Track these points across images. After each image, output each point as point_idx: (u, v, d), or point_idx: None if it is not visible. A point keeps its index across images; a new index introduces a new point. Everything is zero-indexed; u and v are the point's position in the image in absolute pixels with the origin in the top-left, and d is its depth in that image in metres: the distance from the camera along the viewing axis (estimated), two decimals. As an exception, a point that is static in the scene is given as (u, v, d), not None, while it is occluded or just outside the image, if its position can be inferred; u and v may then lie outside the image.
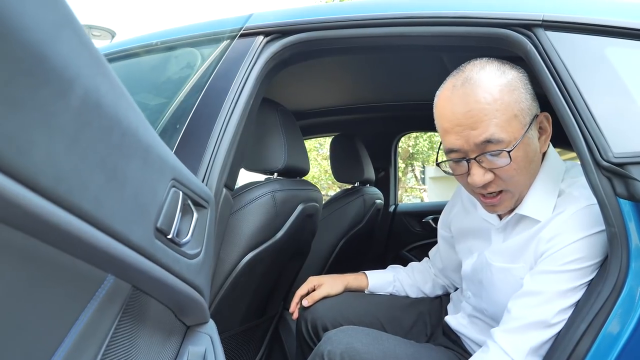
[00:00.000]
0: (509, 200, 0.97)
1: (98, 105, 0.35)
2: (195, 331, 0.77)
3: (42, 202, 0.29)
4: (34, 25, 0.29)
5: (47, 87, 0.29)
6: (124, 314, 0.52)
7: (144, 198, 0.48)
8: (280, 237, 1.35)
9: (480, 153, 0.91)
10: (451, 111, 0.92)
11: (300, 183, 1.49)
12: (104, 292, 0.46)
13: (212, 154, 1.01)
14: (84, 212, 0.35)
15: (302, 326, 1.36)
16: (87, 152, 0.34)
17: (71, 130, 0.31)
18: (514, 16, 0.99)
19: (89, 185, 0.35)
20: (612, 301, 0.81)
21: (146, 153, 0.48)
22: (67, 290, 0.38)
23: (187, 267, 0.64)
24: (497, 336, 0.93)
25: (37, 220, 0.29)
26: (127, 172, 0.42)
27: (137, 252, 0.46)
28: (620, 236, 0.80)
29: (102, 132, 0.36)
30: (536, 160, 0.96)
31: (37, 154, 0.28)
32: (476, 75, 0.92)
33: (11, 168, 0.26)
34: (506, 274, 1.00)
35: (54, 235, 0.32)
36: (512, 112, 0.89)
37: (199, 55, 1.10)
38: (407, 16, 1.06)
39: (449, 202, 1.34)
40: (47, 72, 0.30)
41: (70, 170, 0.32)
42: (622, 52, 0.93)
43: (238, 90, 1.07)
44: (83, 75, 0.33)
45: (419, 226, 2.57)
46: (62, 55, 0.31)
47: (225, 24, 1.15)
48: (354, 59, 1.79)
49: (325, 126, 2.60)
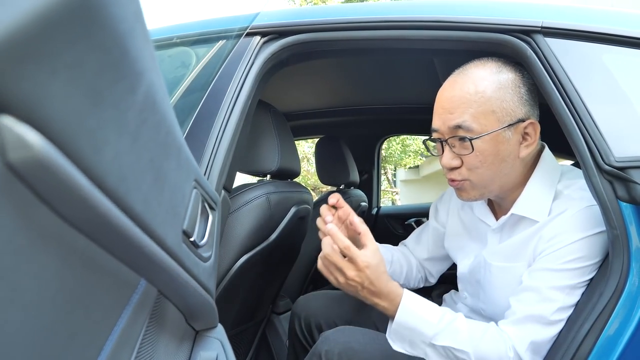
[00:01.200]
0: (471, 190, 1.01)
1: (154, 102, 0.34)
2: (205, 336, 0.75)
3: (108, 204, 0.28)
4: (122, 15, 0.27)
5: (122, 82, 0.28)
6: (150, 319, 0.50)
7: (176, 200, 0.46)
8: (274, 239, 1.34)
9: (452, 136, 0.97)
10: (440, 94, 1.02)
11: (293, 185, 1.48)
12: (137, 297, 0.44)
13: (211, 156, 0.99)
14: (135, 213, 0.34)
15: (295, 324, 1.36)
16: (142, 151, 0.32)
17: (133, 128, 0.30)
18: (514, 22, 1.00)
19: (141, 185, 0.34)
20: (613, 302, 0.83)
21: (179, 152, 0.46)
22: (111, 296, 0.36)
23: (203, 270, 0.63)
24: (502, 326, 0.95)
25: (104, 222, 0.28)
26: (167, 172, 0.41)
27: (169, 256, 0.45)
28: (622, 238, 0.83)
29: (154, 130, 0.34)
30: (510, 162, 0.97)
31: (108, 152, 0.26)
32: (472, 69, 0.99)
33: (88, 167, 0.25)
34: (506, 273, 1.02)
35: (111, 237, 0.31)
36: (490, 107, 0.94)
37: (205, 54, 1.07)
38: (408, 20, 1.07)
39: (446, 195, 1.34)
40: (125, 66, 0.28)
41: (129, 170, 0.30)
42: (619, 59, 0.96)
43: (236, 91, 1.05)
44: (146, 69, 0.32)
45: (402, 228, 2.59)
46: (136, 48, 0.30)
47: (229, 23, 1.13)
48: (338, 61, 1.79)
49: (310, 128, 2.60)
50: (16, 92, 0.20)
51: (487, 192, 1.01)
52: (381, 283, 0.97)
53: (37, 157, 0.21)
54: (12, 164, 0.21)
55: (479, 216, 1.14)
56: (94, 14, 0.24)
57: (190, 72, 1.08)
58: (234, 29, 1.04)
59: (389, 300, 0.98)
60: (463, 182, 1.00)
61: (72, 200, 0.25)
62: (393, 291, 0.98)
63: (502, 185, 1.00)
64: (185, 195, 0.50)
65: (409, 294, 0.99)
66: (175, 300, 0.59)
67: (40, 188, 0.23)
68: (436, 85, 1.85)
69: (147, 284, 0.46)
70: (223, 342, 0.75)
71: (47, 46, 0.21)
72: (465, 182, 1.00)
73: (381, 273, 0.97)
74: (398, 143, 11.77)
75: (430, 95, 2.09)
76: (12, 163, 0.21)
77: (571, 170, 1.05)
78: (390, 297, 0.98)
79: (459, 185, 1.01)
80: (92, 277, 0.32)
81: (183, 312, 0.68)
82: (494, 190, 1.01)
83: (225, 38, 1.05)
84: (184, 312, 0.68)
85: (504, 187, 1.01)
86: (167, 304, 0.58)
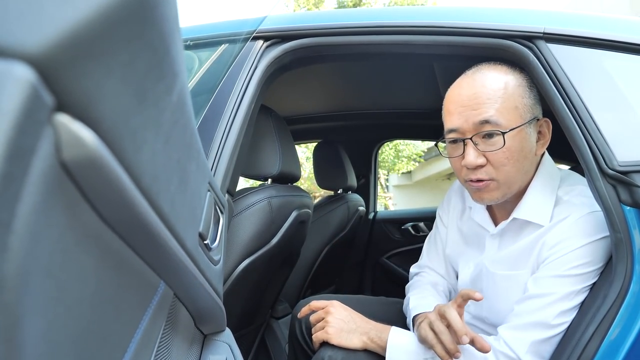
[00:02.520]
0: (495, 190, 0.98)
1: (185, 102, 0.34)
2: (213, 340, 0.75)
3: (145, 204, 0.28)
4: (168, 15, 0.27)
5: (163, 81, 0.28)
6: (166, 322, 0.50)
7: (195, 202, 0.46)
8: (275, 243, 1.34)
9: (476, 133, 0.95)
10: (458, 94, 1.00)
11: (294, 189, 1.48)
12: (157, 299, 0.44)
13: (215, 159, 0.99)
14: (164, 214, 0.34)
15: (296, 329, 1.35)
16: (172, 152, 0.32)
17: (167, 128, 0.30)
18: (516, 28, 1.02)
19: (169, 186, 0.34)
20: (618, 305, 0.84)
21: (198, 154, 0.46)
22: (137, 297, 0.36)
23: (214, 273, 0.63)
24: (502, 332, 0.95)
25: (139, 222, 0.28)
26: (190, 174, 0.41)
27: (189, 258, 0.45)
28: (626, 242, 0.84)
29: (182, 131, 0.34)
30: (530, 159, 0.98)
31: (146, 152, 0.26)
32: (487, 69, 1.00)
33: (129, 166, 0.25)
34: (510, 282, 1.02)
35: (143, 237, 0.31)
36: (513, 103, 0.95)
37: (209, 58, 1.07)
38: (412, 25, 1.08)
39: (444, 202, 1.34)
40: (166, 66, 0.28)
41: (161, 171, 0.30)
42: (620, 65, 0.97)
43: (240, 95, 1.05)
44: (182, 71, 0.32)
45: (399, 233, 2.59)
46: (176, 48, 0.30)
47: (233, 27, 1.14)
48: (337, 66, 1.80)
49: (308, 133, 2.60)
50: (75, 89, 0.20)
51: (508, 192, 0.99)
52: (357, 318, 1.09)
53: (91, 155, 0.21)
54: (65, 162, 0.21)
55: (479, 222, 1.14)
56: (148, 13, 0.24)
57: (194, 76, 1.08)
58: (240, 33, 1.05)
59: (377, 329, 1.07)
60: (489, 182, 0.98)
61: (115, 199, 0.25)
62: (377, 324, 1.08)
63: (521, 184, 1.00)
64: (201, 198, 0.51)
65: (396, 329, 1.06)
66: (187, 303, 0.59)
67: (87, 186, 0.23)
68: (435, 90, 1.87)
69: (165, 287, 0.45)
70: (231, 346, 0.75)
71: (106, 44, 0.21)
72: (491, 182, 0.98)
73: (351, 311, 1.11)
74: (391, 148, 11.82)
75: (427, 100, 2.13)
76: (66, 161, 0.21)
77: (570, 175, 1.06)
78: (377, 326, 1.08)
79: (485, 185, 0.98)
80: (123, 278, 0.32)
81: (193, 315, 0.68)
82: (514, 190, 1.00)
83: (232, 42, 1.05)
84: (194, 316, 0.68)
85: (520, 187, 1.00)
86: (180, 307, 0.58)
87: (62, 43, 0.18)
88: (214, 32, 1.16)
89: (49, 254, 0.21)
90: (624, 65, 0.98)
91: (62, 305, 0.22)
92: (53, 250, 0.21)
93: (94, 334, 0.28)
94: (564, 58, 0.97)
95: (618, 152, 0.87)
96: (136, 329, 0.39)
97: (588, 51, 0.99)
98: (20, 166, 0.18)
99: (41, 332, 0.21)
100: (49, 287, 0.21)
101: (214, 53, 1.09)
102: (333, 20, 1.16)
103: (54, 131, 0.20)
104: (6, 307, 0.18)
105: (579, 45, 0.99)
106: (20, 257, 0.18)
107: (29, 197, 0.19)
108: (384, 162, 12.19)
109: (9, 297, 0.18)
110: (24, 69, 0.18)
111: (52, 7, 0.18)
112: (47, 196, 0.20)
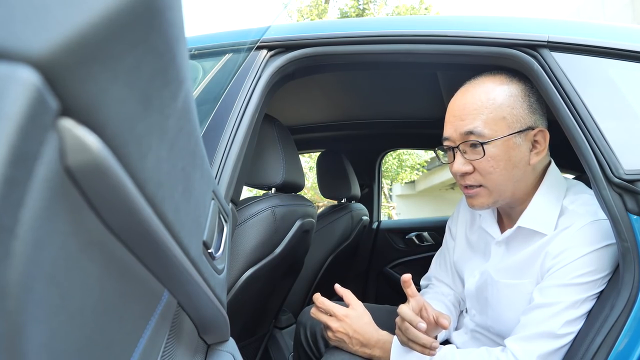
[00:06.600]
0: (485, 197, 1.01)
1: (189, 109, 0.34)
2: (217, 349, 0.74)
3: (149, 211, 0.27)
4: (174, 20, 0.27)
5: (168, 87, 0.28)
6: (170, 331, 0.50)
7: (199, 210, 0.46)
8: (279, 253, 1.33)
9: (463, 142, 0.99)
10: (452, 104, 1.05)
11: (297, 198, 1.47)
12: (161, 308, 0.43)
13: (219, 168, 0.99)
14: (168, 222, 0.33)
15: (300, 334, 1.35)
16: (177, 159, 0.32)
17: (172, 135, 0.30)
18: (520, 37, 1.02)
19: (173, 194, 0.33)
20: (625, 314, 0.83)
21: (202, 162, 0.46)
22: (141, 306, 0.36)
23: (218, 282, 0.62)
24: (509, 344, 0.95)
25: (143, 229, 0.28)
26: (194, 182, 0.41)
27: (193, 266, 0.44)
28: (633, 251, 0.83)
29: (187, 138, 0.34)
30: (522, 168, 0.98)
31: (151, 158, 0.26)
32: (483, 80, 1.03)
33: (134, 172, 0.24)
34: (514, 290, 1.01)
35: (147, 244, 0.30)
36: (500, 114, 0.97)
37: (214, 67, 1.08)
38: (416, 34, 1.08)
39: (455, 213, 1.33)
40: (171, 72, 0.28)
41: (166, 178, 0.30)
42: (624, 73, 0.97)
43: (244, 105, 1.06)
44: (187, 78, 0.32)
45: (403, 243, 2.58)
46: (182, 54, 0.30)
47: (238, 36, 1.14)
48: (340, 75, 1.80)
49: (311, 142, 2.60)
50: (80, 94, 0.19)
51: (500, 199, 1.02)
52: (367, 332, 1.06)
53: (96, 161, 0.21)
54: (69, 168, 0.21)
55: (485, 227, 1.14)
56: (154, 18, 0.24)
57: (199, 85, 1.08)
58: (244, 42, 1.05)
59: (380, 348, 1.05)
60: (479, 189, 1.01)
61: (119, 205, 0.25)
62: (383, 339, 1.06)
63: (514, 191, 1.01)
64: (206, 206, 0.50)
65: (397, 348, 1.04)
66: (191, 312, 0.58)
67: (91, 193, 0.23)
68: (438, 99, 1.87)
69: (169, 295, 0.45)
70: (235, 356, 0.74)
71: (112, 48, 0.21)
72: (481, 189, 1.01)
73: (365, 324, 1.07)
74: (394, 158, 11.82)
75: (431, 109, 2.12)
76: (70, 167, 0.21)
77: (576, 184, 1.05)
78: (379, 344, 1.06)
79: (475, 192, 1.02)
80: (126, 286, 0.31)
81: (197, 324, 0.67)
82: (507, 197, 1.02)
83: (236, 52, 1.06)
84: (198, 325, 0.68)
85: (516, 194, 1.02)
86: (184, 316, 0.58)
87: (68, 46, 0.18)
88: (218, 42, 1.17)
89: (52, 261, 0.21)
90: (628, 73, 0.98)
91: (65, 313, 0.22)
92: (56, 257, 0.21)
93: (97, 343, 0.28)
94: (568, 66, 0.97)
95: (624, 161, 0.86)
96: (140, 338, 0.39)
97: (592, 59, 0.99)
98: (24, 171, 0.18)
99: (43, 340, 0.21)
100: (52, 295, 0.21)
101: (219, 62, 1.09)
102: (336, 29, 1.16)
103: (59, 136, 0.20)
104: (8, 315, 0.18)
105: (583, 54, 0.99)
106: (23, 263, 0.18)
107: (32, 203, 0.19)
108: (388, 171, 12.18)
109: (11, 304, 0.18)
110: (28, 72, 0.18)
111: (57, 10, 0.18)
112: (51, 202, 0.20)
